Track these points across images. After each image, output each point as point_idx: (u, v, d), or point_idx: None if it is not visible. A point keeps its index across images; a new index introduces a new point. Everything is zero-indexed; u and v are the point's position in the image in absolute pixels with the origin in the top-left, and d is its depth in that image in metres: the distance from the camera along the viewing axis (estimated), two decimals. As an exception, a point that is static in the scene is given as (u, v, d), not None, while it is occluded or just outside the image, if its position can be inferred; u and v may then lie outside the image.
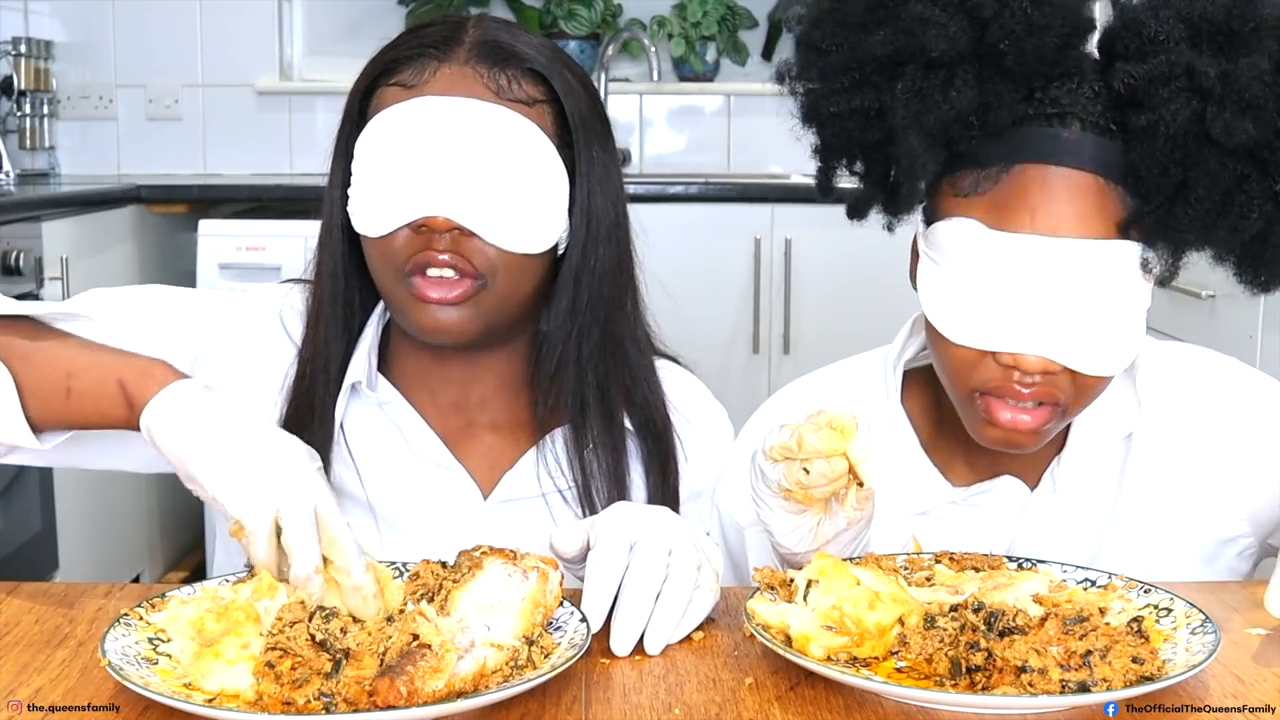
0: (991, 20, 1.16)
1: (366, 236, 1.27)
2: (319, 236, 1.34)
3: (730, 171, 4.18)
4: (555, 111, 1.29)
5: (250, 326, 1.37)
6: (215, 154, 4.13)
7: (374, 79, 1.30)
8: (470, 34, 1.29)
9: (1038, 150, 1.18)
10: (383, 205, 1.24)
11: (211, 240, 3.32)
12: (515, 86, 1.26)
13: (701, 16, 4.06)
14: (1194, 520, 1.32)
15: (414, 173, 1.23)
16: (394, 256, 1.25)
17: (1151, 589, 1.08)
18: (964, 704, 0.93)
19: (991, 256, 1.18)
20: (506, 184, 1.24)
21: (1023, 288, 1.18)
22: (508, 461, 1.36)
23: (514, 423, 1.37)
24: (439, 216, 1.22)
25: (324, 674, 0.92)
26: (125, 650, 0.95)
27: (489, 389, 1.36)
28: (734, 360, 3.60)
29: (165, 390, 1.09)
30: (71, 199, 3.34)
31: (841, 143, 1.25)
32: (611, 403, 1.34)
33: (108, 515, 3.24)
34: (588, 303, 1.32)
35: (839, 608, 1.00)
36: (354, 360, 1.33)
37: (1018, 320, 1.18)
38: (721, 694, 0.96)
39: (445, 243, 1.23)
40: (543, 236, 1.27)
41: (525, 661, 0.95)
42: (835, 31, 1.21)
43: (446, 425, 1.35)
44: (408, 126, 1.24)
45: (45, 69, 4.00)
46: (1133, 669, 0.93)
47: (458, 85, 1.25)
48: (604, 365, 1.33)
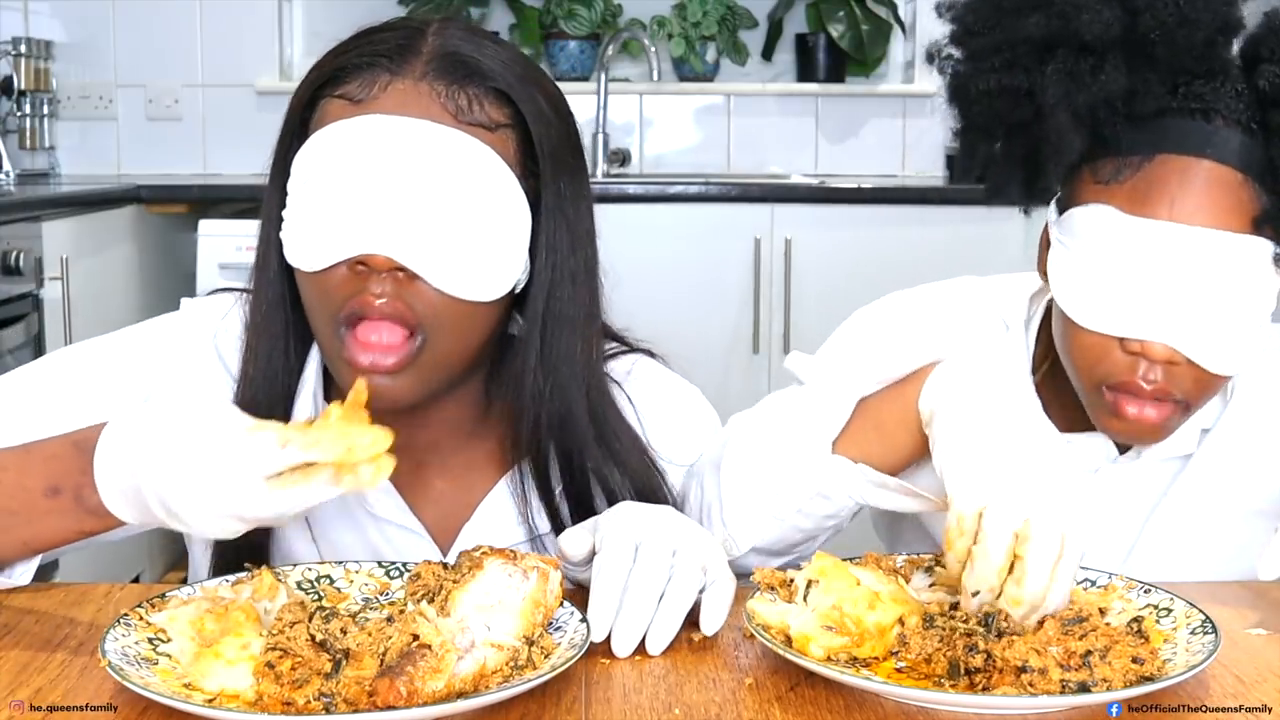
0: (1143, 10, 1.20)
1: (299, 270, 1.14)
2: (255, 258, 1.20)
3: (730, 171, 4.18)
4: (520, 137, 1.15)
5: (179, 365, 1.24)
6: (215, 154, 4.13)
7: (318, 87, 1.16)
8: (429, 44, 1.15)
9: (1181, 141, 1.21)
10: (318, 237, 1.10)
11: (211, 240, 3.32)
12: (476, 108, 1.13)
13: (701, 16, 4.06)
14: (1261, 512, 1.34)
15: (354, 202, 1.09)
16: (328, 297, 1.12)
17: (1151, 589, 1.08)
18: (964, 704, 0.93)
19: (1127, 242, 1.21)
20: (459, 221, 1.10)
21: (1155, 275, 1.20)
22: (464, 509, 1.26)
23: (466, 467, 1.26)
24: (379, 255, 1.09)
25: (324, 674, 0.92)
26: (125, 650, 0.95)
27: (438, 433, 1.24)
28: (734, 360, 3.60)
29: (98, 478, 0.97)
30: (71, 199, 3.34)
31: (987, 121, 1.29)
32: (582, 451, 1.22)
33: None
34: (557, 359, 1.19)
35: (839, 608, 1.00)
36: (298, 405, 1.21)
37: (1148, 307, 1.20)
38: (721, 694, 0.96)
39: (385, 285, 1.10)
40: (496, 283, 1.14)
41: (525, 662, 0.95)
42: (989, 15, 1.26)
43: (395, 471, 1.22)
44: (351, 148, 1.10)
45: (45, 69, 4.00)
46: (1133, 669, 0.93)
47: (410, 104, 1.11)
48: (573, 418, 1.21)
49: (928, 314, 1.41)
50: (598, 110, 4.07)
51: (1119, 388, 1.23)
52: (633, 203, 3.56)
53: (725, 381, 3.57)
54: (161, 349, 1.26)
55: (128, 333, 1.29)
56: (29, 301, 2.94)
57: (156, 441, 0.94)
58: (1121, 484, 1.35)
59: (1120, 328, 1.22)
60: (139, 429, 0.96)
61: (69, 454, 1.00)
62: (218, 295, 1.30)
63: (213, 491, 0.92)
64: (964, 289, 1.44)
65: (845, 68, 4.14)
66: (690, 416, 1.33)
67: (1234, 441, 1.34)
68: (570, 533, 1.10)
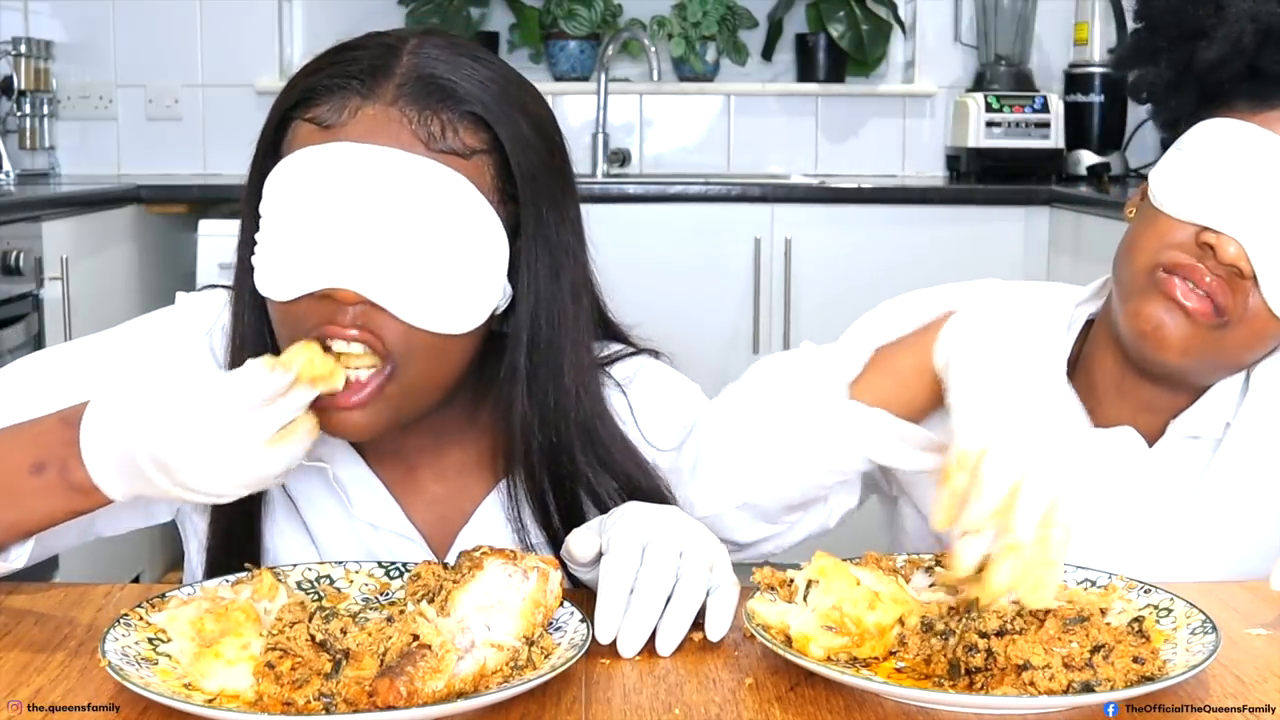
0: None
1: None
2: (234, 276, 1.19)
3: (730, 171, 4.17)
4: (498, 162, 1.11)
5: (173, 359, 1.23)
6: (215, 154, 4.13)
7: (289, 108, 1.13)
8: (404, 64, 1.11)
9: None
10: (285, 267, 1.08)
11: (211, 240, 3.32)
12: (449, 134, 1.09)
13: (701, 16, 4.06)
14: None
15: (321, 233, 1.07)
16: (297, 324, 1.09)
17: (1152, 589, 1.08)
18: (964, 704, 0.93)
19: (1236, 145, 1.25)
20: (430, 252, 1.07)
21: (1251, 179, 1.23)
22: (459, 515, 1.25)
23: (459, 469, 1.25)
24: (345, 289, 1.06)
25: (324, 674, 0.92)
26: (125, 650, 0.95)
27: (427, 437, 1.23)
28: (734, 360, 3.60)
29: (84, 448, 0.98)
30: (71, 199, 3.34)
31: (1166, 21, 1.33)
32: (574, 467, 1.20)
33: (108, 515, 3.24)
34: (543, 390, 1.17)
35: (839, 608, 1.00)
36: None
37: (1236, 207, 1.23)
38: (721, 694, 0.96)
39: (352, 316, 1.07)
40: (469, 314, 1.10)
41: (525, 662, 0.95)
42: None
43: (388, 477, 1.24)
44: (319, 176, 1.07)
45: (45, 69, 4.00)
46: (1134, 669, 0.93)
47: (380, 131, 1.07)
48: (564, 439, 1.19)
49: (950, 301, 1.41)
50: (598, 110, 4.07)
51: (1175, 268, 1.25)
52: (633, 203, 3.56)
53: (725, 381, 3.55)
54: (156, 343, 1.26)
55: (123, 327, 1.29)
56: (29, 301, 2.95)
57: (153, 407, 0.97)
58: (1147, 476, 1.35)
59: (1204, 216, 1.24)
60: (131, 398, 0.99)
61: (54, 429, 1.02)
62: (212, 291, 1.29)
63: (217, 451, 0.97)
64: (989, 289, 1.44)
65: (845, 68, 4.14)
66: (692, 420, 1.33)
67: (1257, 435, 1.35)
68: (577, 533, 1.09)
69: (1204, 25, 1.30)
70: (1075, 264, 3.38)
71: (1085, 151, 3.97)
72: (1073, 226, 3.47)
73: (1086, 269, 1.42)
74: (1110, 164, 3.94)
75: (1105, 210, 3.26)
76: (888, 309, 1.40)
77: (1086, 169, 3.93)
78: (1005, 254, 3.62)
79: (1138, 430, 1.35)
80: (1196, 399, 1.34)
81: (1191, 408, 1.34)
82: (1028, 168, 3.86)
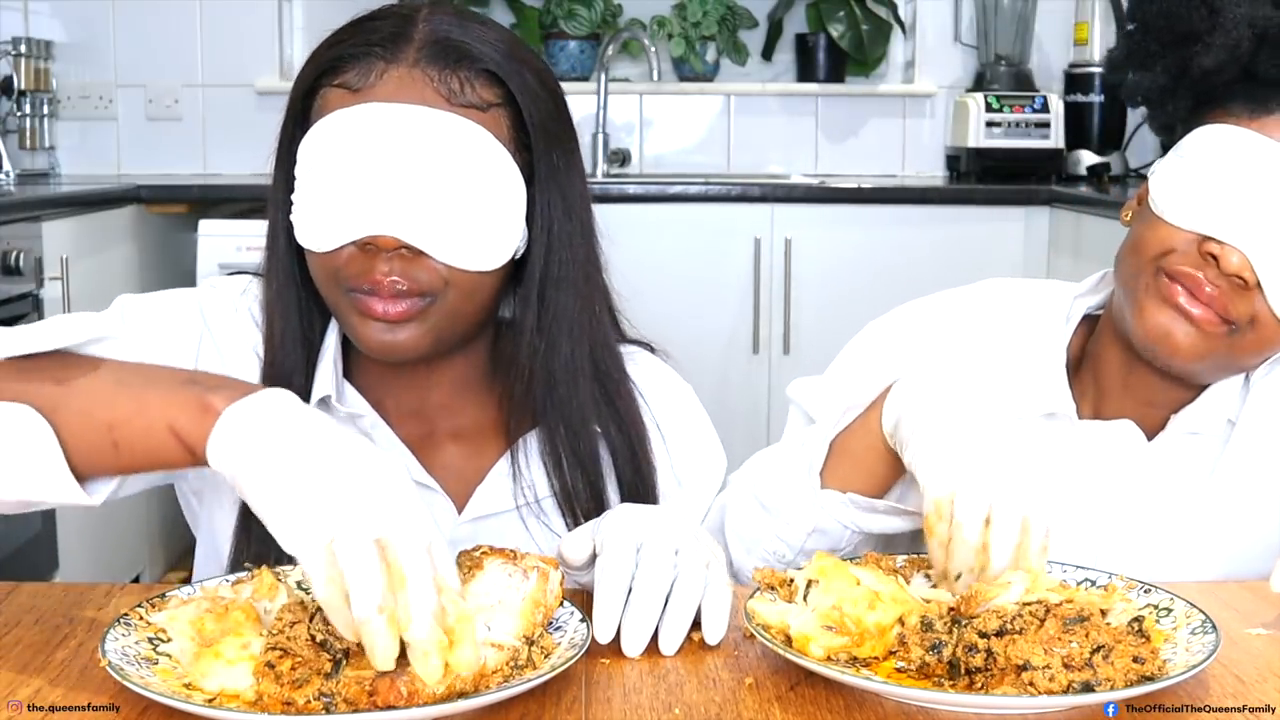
0: None
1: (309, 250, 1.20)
2: (266, 241, 1.27)
3: (730, 171, 4.18)
4: (512, 114, 1.21)
5: (228, 320, 1.29)
6: (215, 154, 4.13)
7: (317, 77, 1.22)
8: (420, 30, 1.20)
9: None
10: (326, 220, 1.17)
11: (211, 240, 3.32)
12: (468, 90, 1.18)
13: (701, 16, 4.06)
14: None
15: (359, 187, 1.16)
16: (339, 274, 1.19)
17: (1152, 589, 1.08)
18: (964, 704, 0.93)
19: (1236, 152, 1.24)
20: (458, 198, 1.17)
21: (1253, 188, 1.23)
22: (475, 473, 1.30)
23: (477, 429, 1.32)
24: (386, 235, 1.15)
25: (324, 674, 0.92)
26: (125, 650, 0.95)
27: (447, 394, 1.31)
28: (734, 360, 3.60)
29: (221, 425, 0.94)
30: (71, 199, 3.34)
31: (1159, 25, 1.33)
32: (584, 410, 1.28)
33: (108, 515, 3.24)
34: (554, 319, 1.25)
35: (839, 608, 1.00)
36: (319, 372, 1.26)
37: (1237, 213, 1.22)
38: (721, 694, 0.96)
39: (392, 263, 1.17)
40: (497, 252, 1.20)
41: (525, 661, 0.95)
42: None
43: (409, 435, 1.29)
44: (353, 135, 1.17)
45: (45, 69, 4.00)
46: (1134, 669, 0.93)
47: (406, 90, 1.17)
48: (576, 378, 1.27)
49: (937, 325, 1.42)
50: (598, 110, 4.07)
51: (1178, 276, 1.25)
52: (633, 203, 3.56)
53: (725, 381, 3.57)
54: (205, 302, 1.30)
55: (167, 292, 1.32)
56: (29, 301, 2.94)
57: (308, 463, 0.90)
58: (1145, 470, 1.35)
59: (1206, 225, 1.24)
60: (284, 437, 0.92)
61: (190, 404, 0.97)
62: (234, 277, 1.34)
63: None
64: (986, 293, 1.45)
65: (845, 68, 4.14)
66: (684, 416, 1.38)
67: (1259, 433, 1.35)
68: (570, 536, 1.11)
69: (1199, 30, 1.30)
70: (1075, 264, 3.38)
71: (1085, 151, 3.97)
72: (1073, 226, 3.48)
73: (1086, 269, 1.42)
74: (1110, 164, 3.94)
75: (1105, 210, 3.26)
76: (873, 336, 1.43)
77: (1086, 169, 3.94)
78: (1005, 254, 3.62)
79: (1139, 424, 1.35)
80: (1198, 395, 1.34)
81: (1192, 404, 1.34)
82: (1028, 168, 3.87)
